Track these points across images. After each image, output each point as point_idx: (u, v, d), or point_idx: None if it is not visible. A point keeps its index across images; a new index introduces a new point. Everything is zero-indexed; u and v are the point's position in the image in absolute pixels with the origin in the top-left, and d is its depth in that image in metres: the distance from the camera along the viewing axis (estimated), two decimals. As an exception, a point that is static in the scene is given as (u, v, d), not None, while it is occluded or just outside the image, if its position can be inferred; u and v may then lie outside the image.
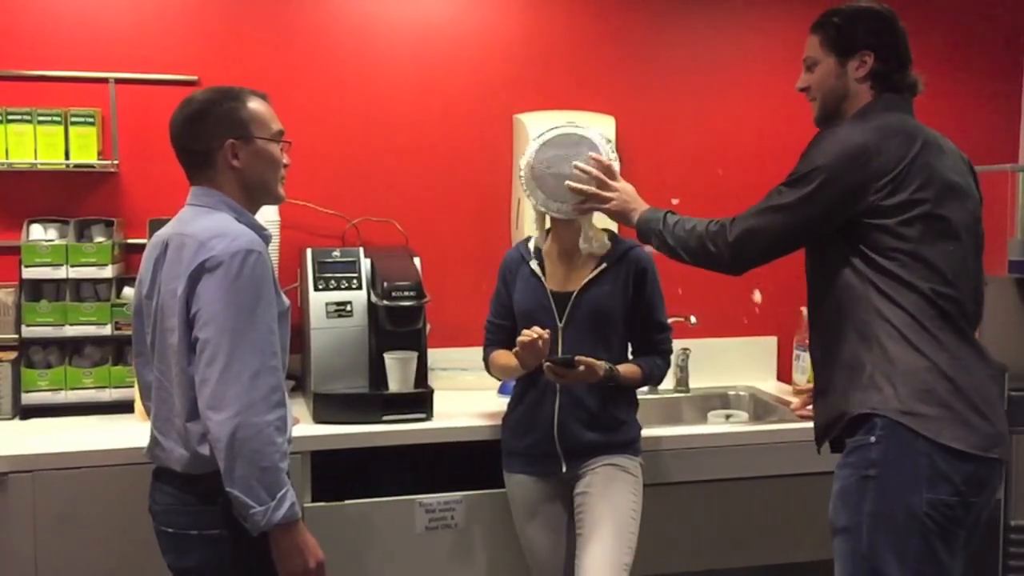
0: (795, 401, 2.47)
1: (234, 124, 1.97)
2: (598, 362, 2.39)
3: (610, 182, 2.40)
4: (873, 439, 1.93)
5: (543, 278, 2.51)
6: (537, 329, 2.37)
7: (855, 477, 1.96)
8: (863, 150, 2.00)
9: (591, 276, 2.48)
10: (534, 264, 2.54)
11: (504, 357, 2.56)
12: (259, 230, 2.00)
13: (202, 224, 1.92)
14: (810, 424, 2.20)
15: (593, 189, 2.39)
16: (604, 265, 2.49)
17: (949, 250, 2.00)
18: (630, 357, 2.58)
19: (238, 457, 1.80)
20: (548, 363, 2.36)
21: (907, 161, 1.99)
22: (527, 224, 3.06)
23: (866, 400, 1.97)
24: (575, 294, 2.48)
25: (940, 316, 1.98)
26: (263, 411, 1.82)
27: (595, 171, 2.40)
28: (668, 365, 2.61)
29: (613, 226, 3.02)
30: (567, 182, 2.42)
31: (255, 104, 2.01)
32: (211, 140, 1.97)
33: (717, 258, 2.16)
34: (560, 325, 2.47)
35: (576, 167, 2.42)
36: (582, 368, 2.36)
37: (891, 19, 2.18)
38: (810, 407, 2.25)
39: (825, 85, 2.21)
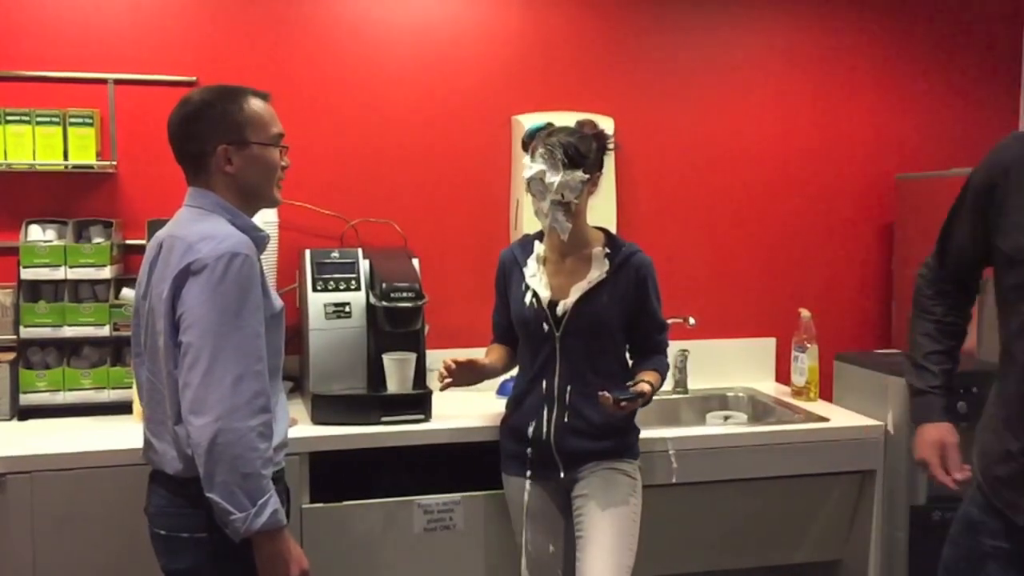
0: (952, 477, 2.05)
1: (229, 128, 1.94)
2: (647, 385, 2.41)
3: None
4: None
5: (539, 288, 2.48)
6: (448, 361, 2.48)
7: None
8: None
9: (589, 288, 2.45)
10: (529, 275, 2.51)
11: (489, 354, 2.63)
12: (255, 232, 1.98)
13: (194, 227, 1.91)
14: (809, 425, 2.01)
15: None
16: (603, 276, 2.46)
17: None
18: (628, 359, 2.58)
19: (219, 462, 1.78)
20: (624, 402, 2.34)
21: None
22: (525, 225, 3.07)
23: None
24: (572, 306, 2.44)
25: None
26: (245, 416, 1.80)
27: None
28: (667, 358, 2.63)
29: (611, 225, 3.03)
30: None
31: (254, 106, 1.97)
32: (204, 143, 1.94)
33: None
34: (557, 334, 2.46)
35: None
36: (642, 398, 2.38)
37: None
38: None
39: None
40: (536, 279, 2.49)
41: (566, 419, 2.45)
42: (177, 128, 1.98)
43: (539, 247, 2.53)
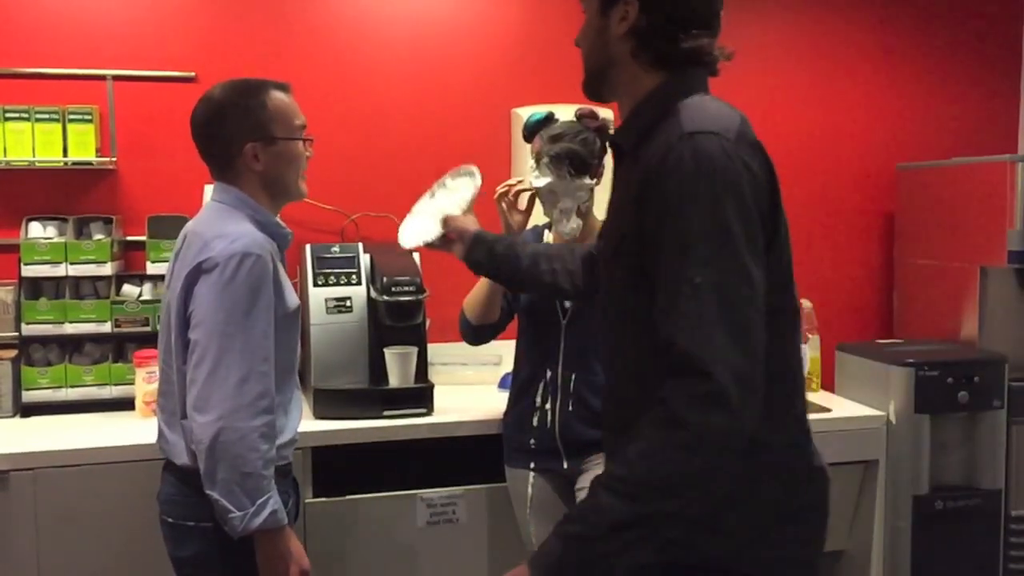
0: None
1: (254, 125, 1.94)
2: None
3: None
4: None
5: None
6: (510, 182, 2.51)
7: None
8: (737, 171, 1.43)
9: None
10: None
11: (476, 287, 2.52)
12: (278, 229, 1.99)
13: (213, 223, 1.92)
14: (811, 416, 1.70)
15: None
16: None
17: None
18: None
19: (220, 461, 1.79)
20: None
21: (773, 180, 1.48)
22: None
23: None
24: None
25: None
26: (247, 417, 1.81)
27: None
28: None
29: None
30: None
31: (277, 100, 1.98)
32: (230, 144, 1.95)
33: (724, 435, 1.32)
34: (564, 322, 2.47)
35: None
36: None
37: None
38: None
39: (586, 40, 1.57)
40: None
41: (571, 407, 2.46)
42: (202, 128, 1.98)
43: (548, 236, 2.57)
